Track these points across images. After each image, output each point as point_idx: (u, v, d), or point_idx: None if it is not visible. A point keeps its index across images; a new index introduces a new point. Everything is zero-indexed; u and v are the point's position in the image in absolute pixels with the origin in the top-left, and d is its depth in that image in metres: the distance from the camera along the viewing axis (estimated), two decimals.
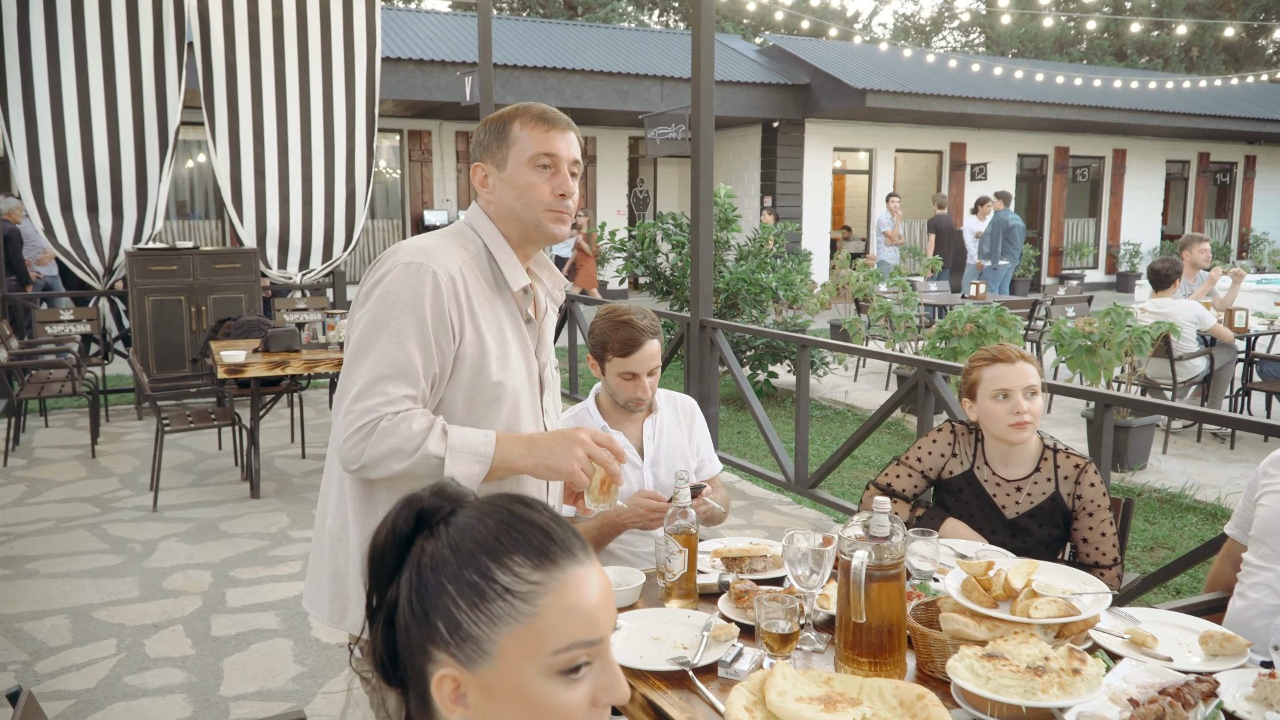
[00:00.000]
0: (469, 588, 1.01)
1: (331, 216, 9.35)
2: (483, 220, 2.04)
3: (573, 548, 1.05)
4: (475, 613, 1.00)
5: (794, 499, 6.12)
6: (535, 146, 1.96)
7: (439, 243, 1.98)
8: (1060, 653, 1.70)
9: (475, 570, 1.01)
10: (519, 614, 1.00)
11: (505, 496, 1.09)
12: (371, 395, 1.84)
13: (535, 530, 1.04)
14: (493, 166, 2.00)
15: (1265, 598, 2.46)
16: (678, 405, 3.03)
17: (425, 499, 1.08)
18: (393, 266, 1.91)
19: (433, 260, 1.90)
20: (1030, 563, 2.05)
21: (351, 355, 1.90)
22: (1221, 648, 1.99)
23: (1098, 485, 2.69)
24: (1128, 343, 6.43)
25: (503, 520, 1.04)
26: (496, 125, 2.00)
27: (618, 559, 2.81)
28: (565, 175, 1.99)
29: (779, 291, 8.81)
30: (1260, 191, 23.71)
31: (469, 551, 1.02)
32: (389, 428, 1.82)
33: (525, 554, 1.02)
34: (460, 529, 1.04)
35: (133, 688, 3.68)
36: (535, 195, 1.97)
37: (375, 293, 1.91)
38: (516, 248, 2.04)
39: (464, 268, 1.95)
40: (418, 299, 1.87)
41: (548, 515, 1.07)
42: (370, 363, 1.86)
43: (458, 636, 1.01)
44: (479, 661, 1.00)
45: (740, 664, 1.94)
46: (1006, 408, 2.64)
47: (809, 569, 2.03)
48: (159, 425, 5.87)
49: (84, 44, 8.16)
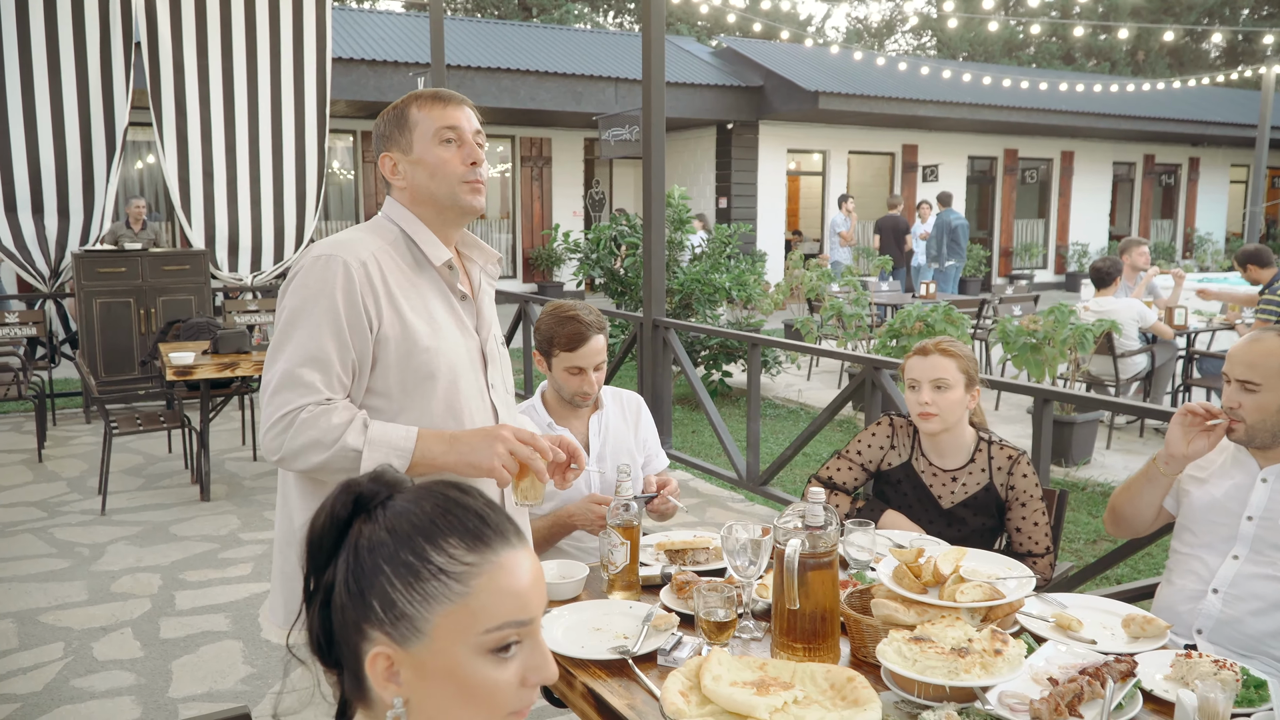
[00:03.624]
0: (404, 568, 1.04)
1: (281, 217, 9.29)
2: (397, 209, 2.07)
3: (505, 531, 1.09)
4: (410, 592, 1.04)
5: (746, 496, 6.19)
6: (437, 122, 2.00)
7: (353, 235, 2.01)
8: (983, 635, 1.76)
9: (411, 551, 1.05)
10: (452, 594, 1.04)
11: (441, 482, 1.12)
12: (289, 388, 1.87)
13: (470, 514, 1.08)
14: (399, 153, 2.03)
15: (1191, 584, 2.55)
16: (623, 401, 3.08)
17: (363, 484, 1.12)
18: (306, 261, 1.95)
19: (343, 250, 1.94)
20: (959, 550, 2.11)
21: (271, 349, 1.95)
22: (1143, 630, 2.07)
23: (1030, 476, 2.77)
24: (1071, 340, 6.57)
25: (439, 504, 1.08)
26: (395, 114, 2.04)
27: (564, 554, 2.85)
28: (471, 144, 2.02)
29: (732, 292, 8.88)
30: (1204, 193, 24.23)
31: (405, 534, 1.06)
32: (309, 419, 1.85)
33: (460, 536, 1.06)
34: (397, 512, 1.08)
35: (80, 690, 3.66)
36: (448, 169, 2.00)
37: (290, 287, 1.95)
38: (436, 229, 2.06)
39: (377, 253, 1.97)
40: (329, 289, 1.90)
41: (482, 500, 1.11)
42: (287, 355, 1.90)
43: (392, 615, 1.04)
44: (412, 639, 1.04)
45: (679, 652, 1.98)
46: (914, 398, 2.75)
47: (747, 559, 2.08)
48: (107, 428, 5.81)
49: (29, 43, 8.05)
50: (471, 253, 2.19)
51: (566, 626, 2.12)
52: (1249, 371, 2.45)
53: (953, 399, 2.73)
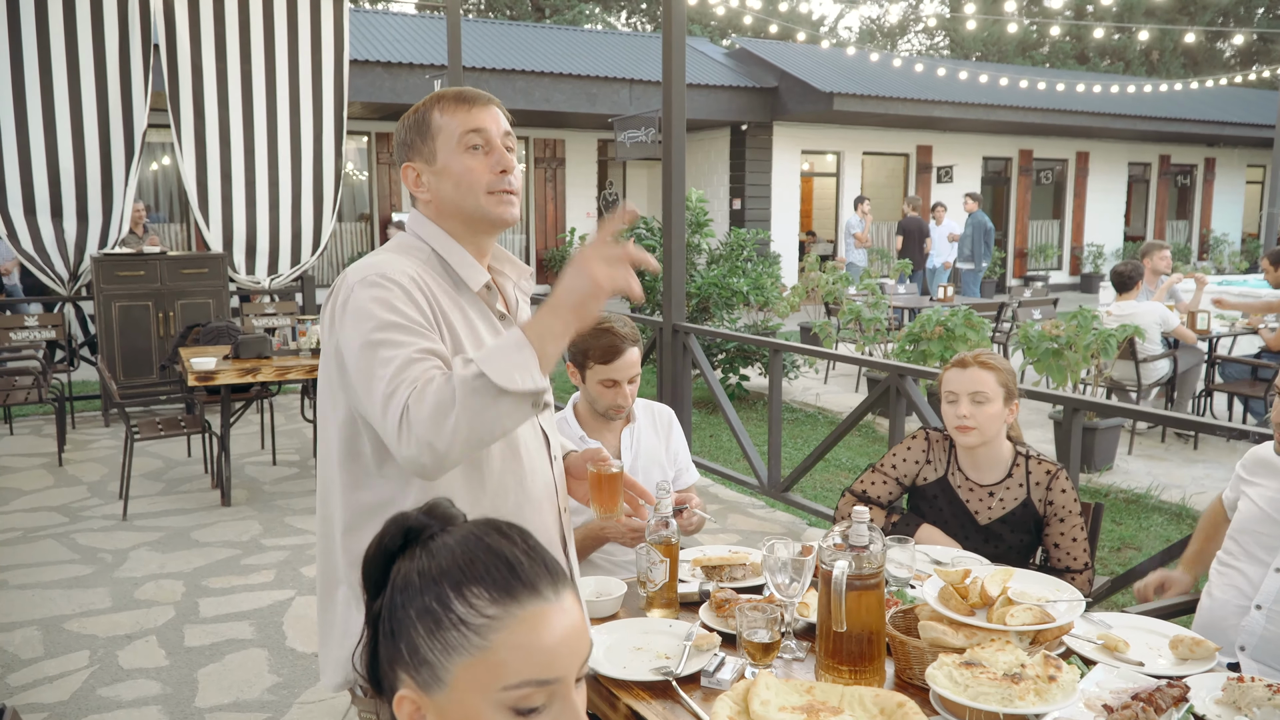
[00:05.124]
0: (428, 614, 1.02)
1: (299, 220, 9.30)
2: (425, 224, 1.88)
3: (537, 584, 1.03)
4: (431, 639, 1.01)
5: (768, 503, 6.16)
6: (461, 127, 1.81)
7: (385, 257, 1.81)
8: (1036, 660, 1.74)
9: (435, 598, 1.02)
10: (471, 646, 1.00)
11: (486, 524, 1.09)
12: (395, 398, 1.61)
13: (500, 562, 1.04)
14: (422, 163, 1.85)
15: (1233, 598, 2.52)
16: (655, 414, 3.06)
17: (413, 517, 1.09)
18: (349, 290, 1.74)
19: (386, 270, 1.74)
20: (1006, 570, 2.09)
21: (361, 383, 1.69)
22: (1191, 652, 2.04)
23: (1069, 491, 2.74)
24: (1094, 345, 6.53)
25: (471, 549, 1.05)
26: (416, 120, 1.86)
27: (599, 568, 2.83)
28: (500, 150, 1.84)
29: (750, 295, 8.86)
30: (1219, 193, 24.10)
31: (433, 578, 1.03)
32: (416, 398, 1.58)
33: (485, 586, 1.02)
34: (433, 553, 1.05)
35: (107, 700, 3.66)
36: (474, 179, 1.81)
37: (348, 317, 1.72)
38: (467, 243, 1.88)
39: (418, 274, 1.78)
40: (387, 303, 1.70)
41: (521, 547, 1.06)
42: (379, 376, 1.64)
43: (416, 660, 1.02)
44: (434, 687, 1.02)
45: (723, 673, 1.96)
46: (952, 411, 2.73)
47: (789, 578, 2.06)
48: (128, 432, 5.81)
49: (48, 46, 8.06)
50: (504, 267, 2.01)
51: (606, 646, 2.10)
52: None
53: (991, 412, 2.71)
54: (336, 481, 1.81)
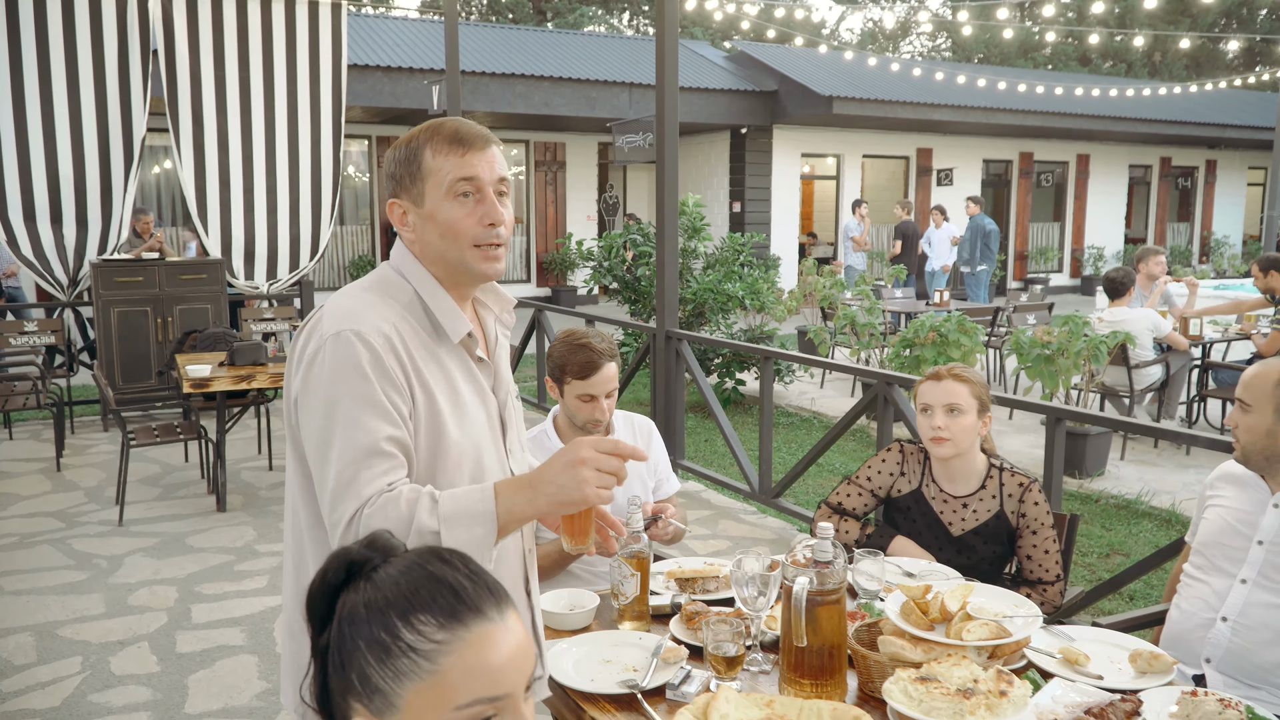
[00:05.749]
0: (377, 644, 1.06)
1: (298, 226, 9.35)
2: (410, 263, 1.81)
3: (482, 606, 1.08)
4: (382, 668, 1.05)
5: (758, 508, 6.20)
6: (453, 173, 1.73)
7: (365, 298, 1.76)
8: (989, 675, 1.77)
9: (384, 628, 1.06)
10: (421, 670, 1.05)
11: (427, 552, 1.13)
12: (347, 497, 1.62)
13: (444, 589, 1.08)
14: (409, 203, 1.77)
15: (1200, 610, 2.55)
16: (635, 426, 3.10)
17: (355, 551, 1.13)
18: (321, 342, 1.69)
19: (360, 324, 1.68)
20: (967, 585, 2.13)
21: (315, 448, 1.68)
22: (1150, 665, 2.07)
23: (1041, 504, 2.78)
24: (1085, 351, 6.56)
25: (415, 578, 1.09)
26: (406, 156, 1.77)
27: (578, 579, 2.87)
28: (491, 201, 1.76)
29: (745, 301, 8.90)
30: (1220, 196, 24.10)
31: (380, 609, 1.07)
32: (373, 515, 1.59)
33: (431, 613, 1.06)
34: (378, 585, 1.10)
35: (97, 705, 3.70)
36: (460, 230, 1.75)
37: (313, 375, 1.69)
38: (451, 288, 1.82)
39: (397, 323, 1.73)
40: (357, 368, 1.65)
41: (464, 572, 1.11)
42: (336, 453, 1.64)
43: (368, 689, 1.06)
44: (387, 713, 1.06)
45: (688, 686, 2.00)
46: (927, 422, 2.77)
47: (756, 591, 2.10)
48: (124, 438, 5.86)
49: (47, 53, 8.12)
50: (487, 299, 1.95)
51: (576, 658, 2.14)
52: (1243, 391, 2.53)
53: (965, 424, 2.75)
54: (302, 515, 1.79)
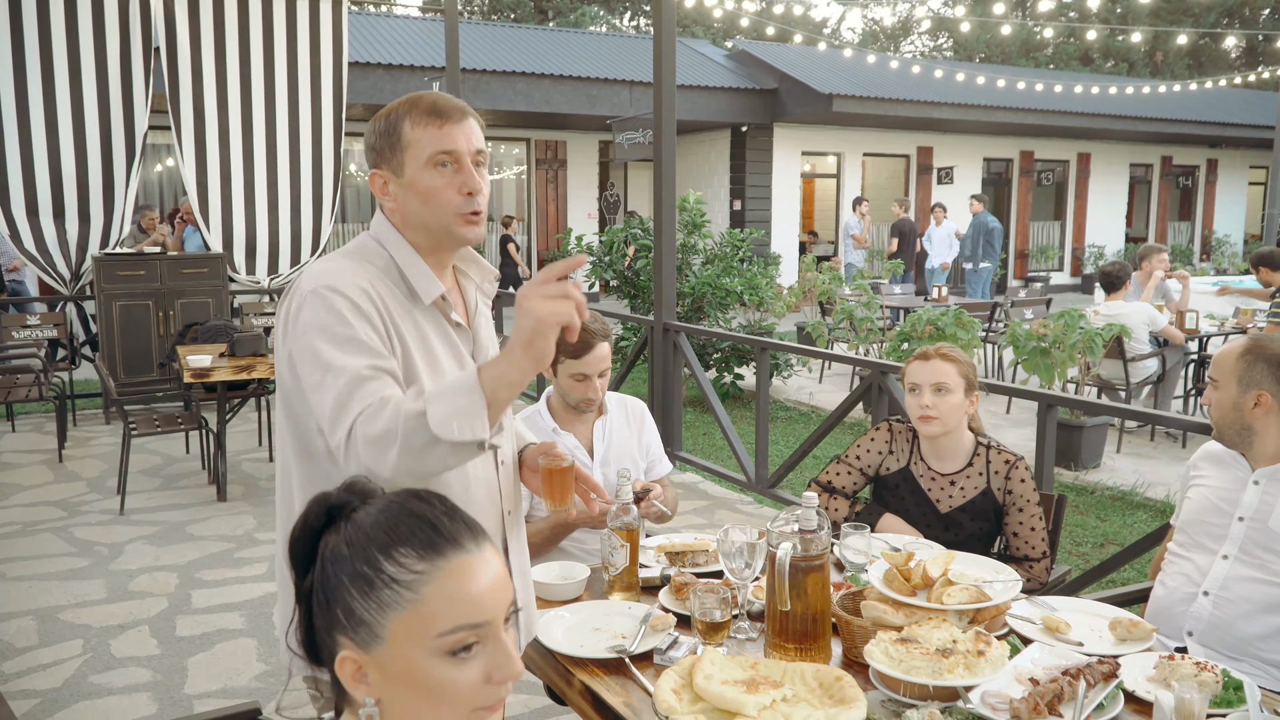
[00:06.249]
0: (360, 578, 1.12)
1: (299, 221, 9.40)
2: (388, 231, 1.87)
3: (459, 538, 1.14)
4: (366, 600, 1.11)
5: (755, 498, 6.24)
6: (432, 145, 1.78)
7: (342, 263, 1.81)
8: (967, 636, 1.81)
9: (366, 562, 1.12)
10: (404, 601, 1.10)
11: (405, 493, 1.19)
12: (342, 418, 1.64)
13: (423, 523, 1.14)
14: (389, 173, 1.83)
15: (1182, 585, 2.59)
16: (628, 407, 3.14)
17: (334, 495, 1.20)
18: (302, 299, 1.75)
19: (338, 281, 1.74)
20: (949, 554, 2.17)
21: (311, 395, 1.71)
22: (1129, 633, 2.11)
23: (1028, 481, 2.81)
24: (1080, 344, 6.59)
25: (394, 515, 1.15)
26: (386, 127, 1.82)
27: (569, 555, 2.91)
28: (469, 171, 1.81)
29: (743, 295, 8.94)
30: (1222, 194, 24.11)
31: (361, 545, 1.13)
32: (366, 421, 1.61)
33: (411, 545, 1.12)
34: (358, 524, 1.15)
35: (98, 687, 3.74)
36: (440, 199, 1.80)
37: (298, 328, 1.74)
38: (428, 255, 1.87)
39: (374, 283, 1.78)
40: (338, 315, 1.71)
41: (440, 509, 1.17)
42: (328, 390, 1.67)
43: (353, 622, 1.12)
44: (373, 644, 1.12)
45: (675, 651, 2.04)
46: (915, 401, 2.81)
47: (743, 562, 2.14)
48: (126, 429, 5.91)
49: (50, 49, 8.17)
50: (469, 268, 2.00)
51: (567, 626, 2.19)
52: (1213, 369, 2.60)
53: (953, 403, 2.79)
54: (294, 474, 1.84)
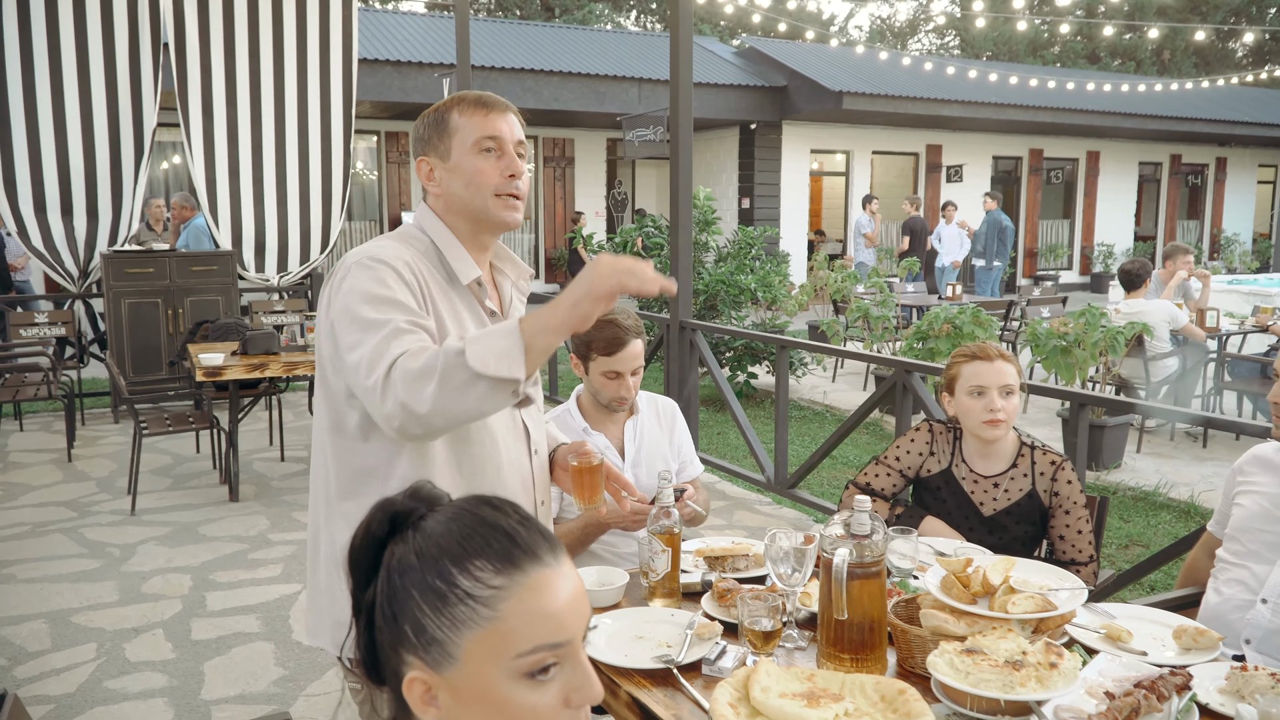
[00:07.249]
0: (432, 592, 1.02)
1: (308, 218, 9.33)
2: (430, 218, 1.98)
3: (538, 550, 1.04)
4: (439, 617, 1.01)
5: (774, 499, 6.16)
6: (477, 131, 1.91)
7: (384, 243, 1.92)
8: (1037, 647, 1.73)
9: (438, 575, 1.02)
10: (480, 618, 1.00)
11: (475, 499, 1.09)
12: (380, 361, 1.69)
13: (499, 534, 1.04)
14: (436, 159, 1.95)
15: (1238, 593, 2.51)
16: (659, 407, 3.06)
17: (399, 502, 1.09)
18: (346, 270, 1.84)
19: (382, 253, 1.85)
20: (1008, 559, 2.08)
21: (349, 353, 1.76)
22: (1195, 642, 2.03)
23: (1074, 483, 2.73)
24: (1102, 343, 6.50)
25: (467, 525, 1.05)
26: (435, 117, 1.96)
27: (600, 559, 2.83)
28: (512, 156, 1.94)
29: (757, 293, 8.86)
30: (1230, 193, 24.00)
31: (433, 556, 1.03)
32: (408, 358, 1.67)
33: (487, 558, 1.02)
34: (427, 534, 1.05)
35: (113, 692, 3.67)
36: (483, 180, 1.91)
37: (341, 294, 1.82)
38: (468, 240, 1.98)
39: (414, 261, 1.88)
40: (380, 280, 1.80)
41: (515, 518, 1.07)
42: (367, 342, 1.73)
43: (424, 640, 1.02)
44: (445, 664, 1.02)
45: (724, 661, 1.96)
46: (981, 404, 2.69)
47: (791, 567, 2.06)
48: (137, 428, 5.84)
49: (58, 45, 8.11)
50: (504, 265, 2.11)
51: (608, 634, 2.10)
52: None
53: (1016, 404, 2.72)
54: (328, 450, 1.91)
